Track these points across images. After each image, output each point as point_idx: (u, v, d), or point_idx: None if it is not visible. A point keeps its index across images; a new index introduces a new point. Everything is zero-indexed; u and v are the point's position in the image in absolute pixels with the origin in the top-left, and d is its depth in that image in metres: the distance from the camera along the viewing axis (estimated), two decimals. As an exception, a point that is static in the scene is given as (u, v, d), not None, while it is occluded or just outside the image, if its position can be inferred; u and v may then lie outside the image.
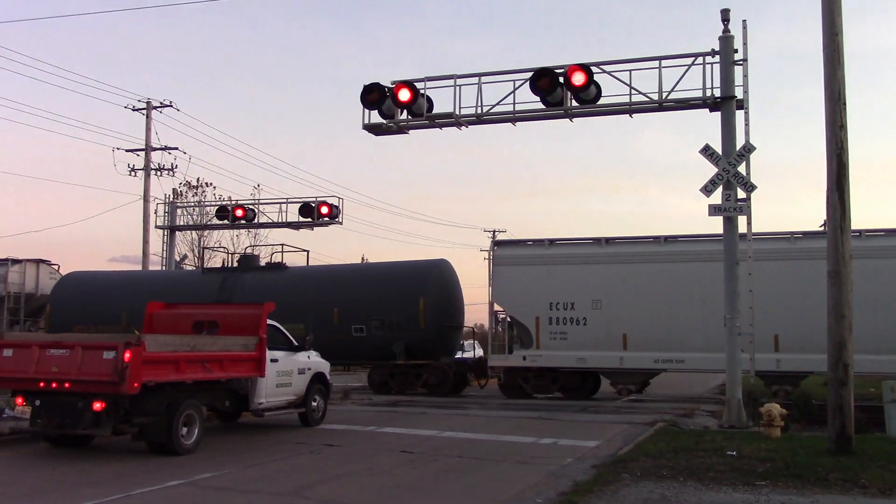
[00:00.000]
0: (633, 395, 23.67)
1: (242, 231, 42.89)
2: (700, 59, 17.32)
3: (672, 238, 24.09)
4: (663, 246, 23.88)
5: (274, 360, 15.27)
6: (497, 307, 25.59)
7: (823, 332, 12.44)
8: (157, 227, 35.60)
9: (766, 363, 20.71)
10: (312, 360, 16.95)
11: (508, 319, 25.20)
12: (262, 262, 29.12)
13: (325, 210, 31.67)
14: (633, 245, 24.41)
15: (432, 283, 25.62)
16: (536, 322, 24.17)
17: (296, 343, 16.44)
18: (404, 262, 27.74)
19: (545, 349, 24.05)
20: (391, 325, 25.04)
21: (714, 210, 16.69)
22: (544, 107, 18.42)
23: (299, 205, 32.05)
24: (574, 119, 18.83)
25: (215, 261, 44.10)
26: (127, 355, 11.60)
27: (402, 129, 19.92)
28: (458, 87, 19.05)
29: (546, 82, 17.83)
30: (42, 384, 12.15)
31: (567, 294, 24.05)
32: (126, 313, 25.84)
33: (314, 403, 16.68)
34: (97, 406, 11.94)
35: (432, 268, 26.39)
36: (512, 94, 18.57)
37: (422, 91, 19.18)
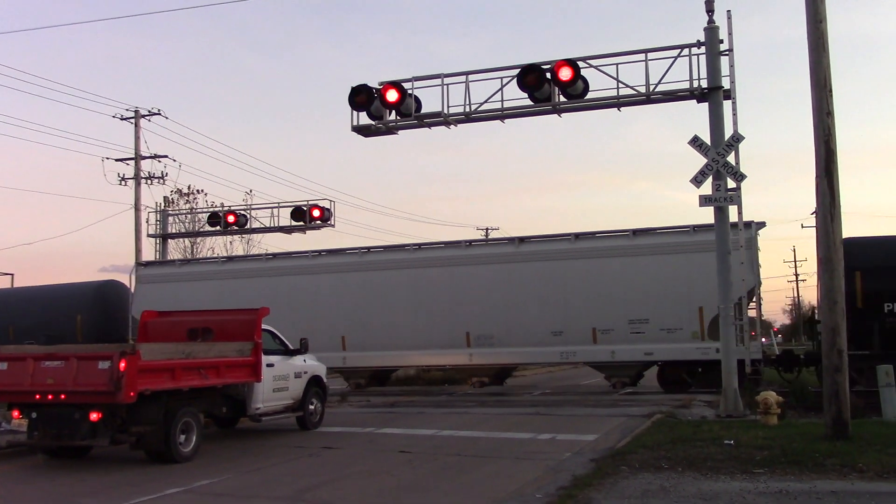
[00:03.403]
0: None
1: (236, 237, 42.67)
2: (686, 51, 17.37)
3: (282, 255, 28.22)
4: (266, 262, 27.85)
5: (270, 365, 15.26)
6: None
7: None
8: (148, 235, 35.35)
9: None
10: (309, 363, 16.93)
11: None
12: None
13: (316, 213, 31.46)
14: (245, 262, 28.33)
15: (90, 301, 28.47)
16: None
17: (291, 347, 16.43)
18: (71, 284, 31.37)
19: None
20: (55, 339, 26.60)
21: (705, 200, 16.73)
22: (532, 103, 18.42)
23: (291, 209, 31.90)
24: (562, 114, 18.82)
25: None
26: (122, 364, 11.57)
27: (391, 130, 19.91)
28: (445, 87, 19.04)
29: (533, 78, 17.84)
30: (38, 396, 12.12)
31: (189, 307, 26.88)
32: None
33: (311, 407, 16.66)
34: (94, 416, 11.91)
35: (92, 288, 29.44)
36: (500, 92, 18.58)
37: (410, 91, 19.17)
